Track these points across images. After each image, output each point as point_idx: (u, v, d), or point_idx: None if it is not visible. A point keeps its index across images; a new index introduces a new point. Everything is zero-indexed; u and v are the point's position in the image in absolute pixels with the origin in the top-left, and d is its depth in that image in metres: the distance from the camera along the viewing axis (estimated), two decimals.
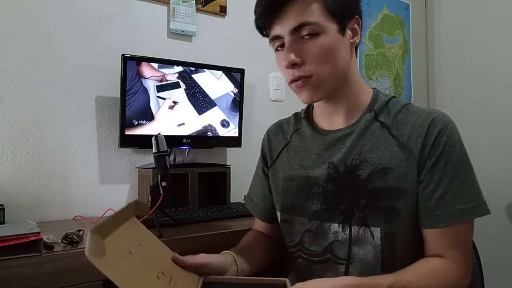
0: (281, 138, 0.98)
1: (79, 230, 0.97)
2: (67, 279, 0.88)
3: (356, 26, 0.82)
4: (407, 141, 0.79)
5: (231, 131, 1.59)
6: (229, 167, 1.53)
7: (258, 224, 1.05)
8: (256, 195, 1.04)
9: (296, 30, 0.76)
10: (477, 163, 2.53)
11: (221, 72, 1.55)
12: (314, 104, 0.93)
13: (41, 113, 1.34)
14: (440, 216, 0.76)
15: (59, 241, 0.94)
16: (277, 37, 0.79)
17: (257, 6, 0.81)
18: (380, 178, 0.79)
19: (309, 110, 0.96)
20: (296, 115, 1.00)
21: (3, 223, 1.15)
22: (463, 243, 0.78)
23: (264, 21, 0.80)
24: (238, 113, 1.59)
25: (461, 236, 0.77)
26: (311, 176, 0.86)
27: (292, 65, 0.78)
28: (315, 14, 0.76)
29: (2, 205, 1.18)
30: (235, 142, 1.60)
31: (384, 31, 2.33)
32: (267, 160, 1.00)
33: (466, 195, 0.76)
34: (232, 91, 1.57)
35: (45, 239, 0.90)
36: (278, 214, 0.94)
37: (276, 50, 0.83)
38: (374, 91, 0.89)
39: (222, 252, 0.87)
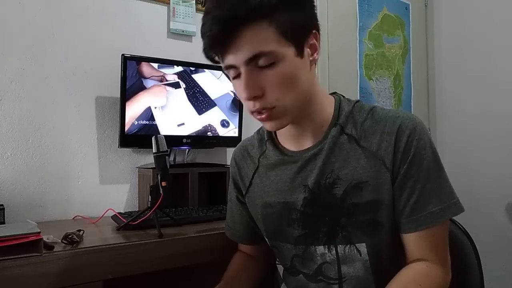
0: (249, 163, 0.93)
1: (79, 230, 0.97)
2: (67, 279, 0.87)
3: (314, 41, 0.76)
4: (377, 151, 0.77)
5: (231, 131, 1.59)
6: (229, 167, 1.53)
7: (243, 246, 1.02)
8: (233, 221, 1.00)
9: (252, 60, 0.70)
10: (477, 163, 2.51)
11: (221, 72, 1.54)
12: None
13: (41, 113, 1.34)
14: (417, 220, 0.75)
15: (59, 241, 0.94)
16: (232, 67, 0.73)
17: (202, 34, 0.71)
18: (356, 194, 0.77)
19: (271, 132, 0.91)
20: (259, 135, 0.95)
21: (3, 223, 1.15)
22: (441, 242, 0.78)
23: (213, 52, 0.73)
24: (238, 113, 1.59)
25: (439, 236, 0.77)
26: (288, 202, 0.84)
27: (253, 98, 0.72)
28: (269, 42, 0.69)
29: (2, 205, 1.18)
30: (235, 142, 1.58)
31: (384, 31, 2.33)
32: (240, 188, 0.95)
33: (440, 196, 0.76)
34: (232, 91, 1.57)
35: (45, 239, 0.90)
36: (266, 239, 0.92)
37: (233, 78, 0.76)
38: (336, 100, 0.85)
39: None
